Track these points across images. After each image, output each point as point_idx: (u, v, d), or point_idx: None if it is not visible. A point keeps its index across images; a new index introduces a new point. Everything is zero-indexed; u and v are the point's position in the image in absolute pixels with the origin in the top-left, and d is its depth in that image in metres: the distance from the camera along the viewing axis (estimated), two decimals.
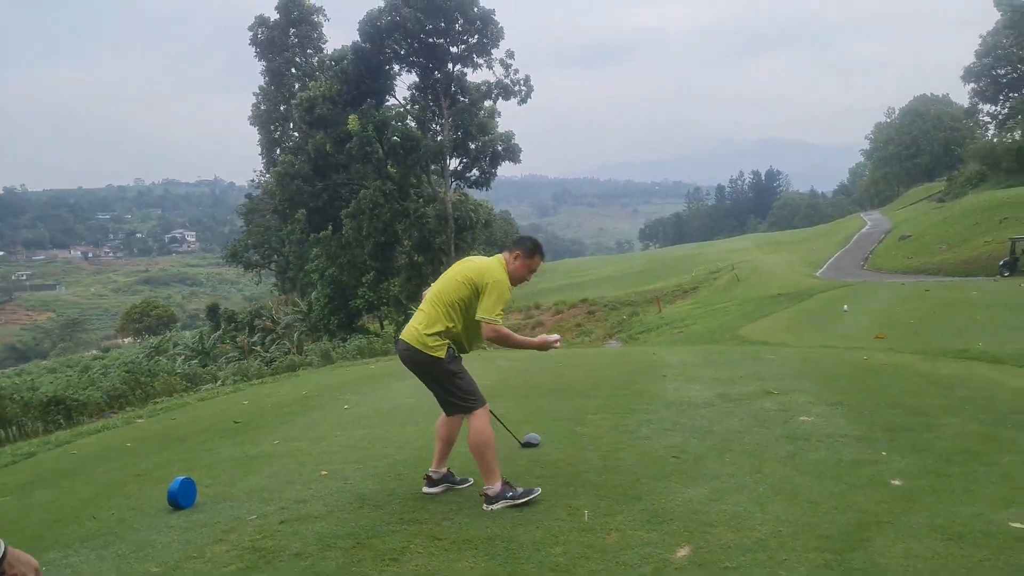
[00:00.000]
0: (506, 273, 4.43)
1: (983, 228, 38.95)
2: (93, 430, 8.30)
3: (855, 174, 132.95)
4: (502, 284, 4.34)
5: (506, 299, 4.34)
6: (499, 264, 4.47)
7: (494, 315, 4.28)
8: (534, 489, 4.27)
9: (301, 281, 48.16)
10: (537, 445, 5.40)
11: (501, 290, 4.32)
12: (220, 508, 4.63)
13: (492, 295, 4.29)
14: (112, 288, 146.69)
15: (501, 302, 4.32)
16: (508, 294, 4.36)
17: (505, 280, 4.38)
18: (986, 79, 65.86)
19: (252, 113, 52.12)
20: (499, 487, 4.25)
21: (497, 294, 4.30)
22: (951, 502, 3.97)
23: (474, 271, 4.41)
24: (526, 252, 4.50)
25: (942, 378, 7.72)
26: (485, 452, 4.29)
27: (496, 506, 4.21)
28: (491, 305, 4.29)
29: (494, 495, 4.23)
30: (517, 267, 4.49)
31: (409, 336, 4.42)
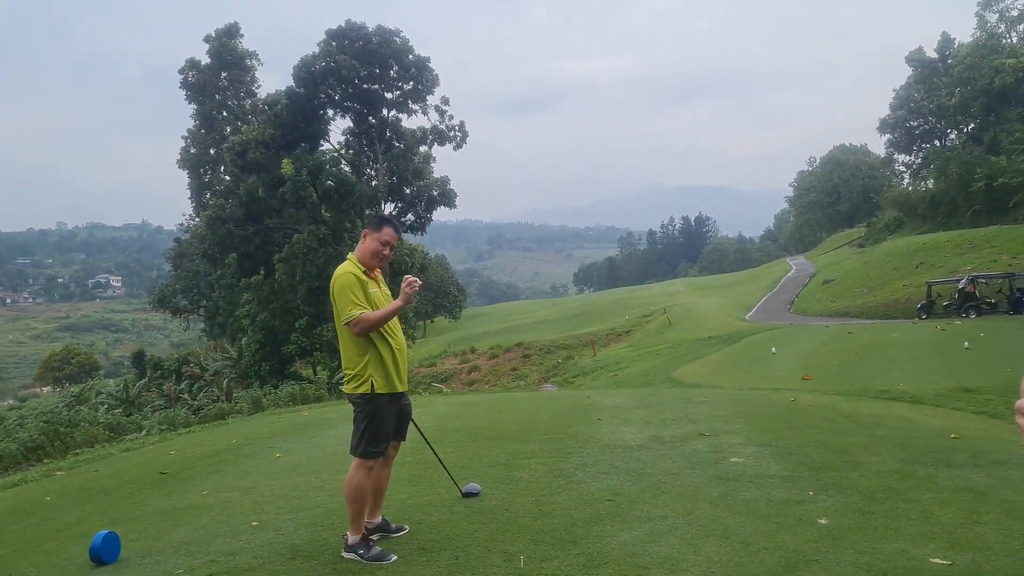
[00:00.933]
0: (353, 264, 4.35)
1: (901, 272, 40.50)
2: (9, 483, 7.93)
3: (780, 220, 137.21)
4: (342, 278, 4.25)
5: (351, 289, 4.22)
6: (347, 261, 4.40)
7: (347, 312, 4.19)
8: (389, 555, 4.18)
9: (231, 327, 47.14)
10: (477, 495, 5.33)
11: (343, 284, 4.24)
12: (146, 563, 4.47)
13: (339, 297, 4.24)
14: (31, 335, 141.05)
15: (348, 298, 4.21)
16: (352, 282, 4.24)
17: (345, 274, 4.27)
18: (900, 130, 69.04)
19: (181, 156, 51.27)
20: (358, 540, 4.25)
21: (340, 292, 4.23)
22: (875, 539, 4.10)
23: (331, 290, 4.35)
24: (373, 226, 4.44)
25: (864, 417, 7.97)
26: (355, 503, 4.28)
27: (347, 555, 4.23)
28: (342, 305, 4.22)
29: (350, 545, 4.25)
30: (366, 246, 4.40)
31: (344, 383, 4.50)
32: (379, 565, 4.08)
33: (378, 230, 4.40)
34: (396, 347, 4.41)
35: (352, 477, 4.27)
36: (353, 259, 4.39)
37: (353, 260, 4.38)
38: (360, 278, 4.29)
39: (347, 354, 4.35)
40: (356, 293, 4.22)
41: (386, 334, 4.36)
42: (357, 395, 4.33)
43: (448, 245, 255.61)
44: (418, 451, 6.71)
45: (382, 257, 4.43)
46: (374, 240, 4.39)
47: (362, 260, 4.39)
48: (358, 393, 4.31)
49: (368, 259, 4.40)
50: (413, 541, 4.50)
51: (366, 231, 4.44)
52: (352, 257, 4.41)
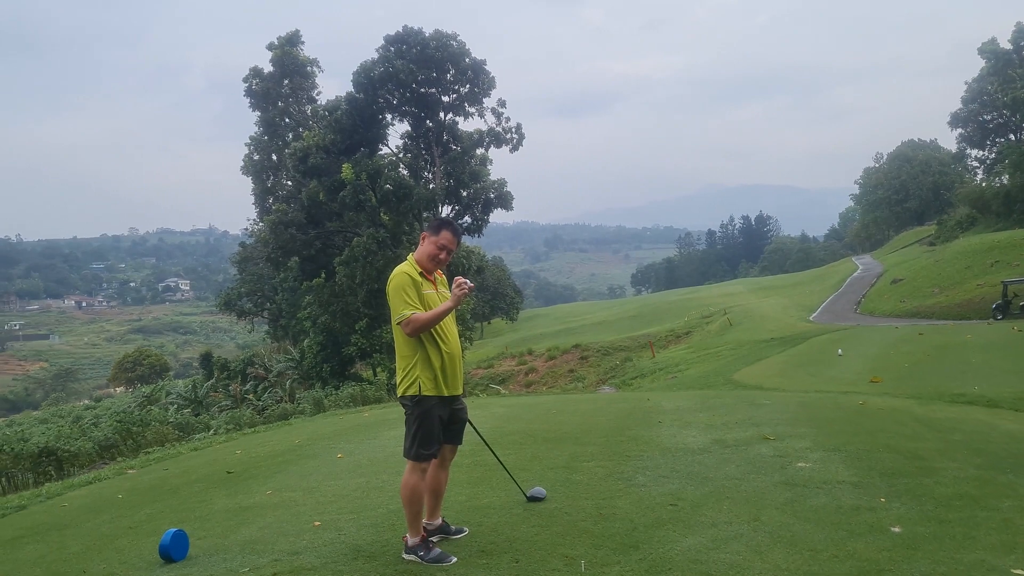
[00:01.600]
0: (410, 265, 4.37)
1: (975, 271, 39.20)
2: (84, 481, 8.19)
3: (845, 218, 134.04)
4: (397, 278, 4.27)
5: (405, 288, 4.24)
6: (405, 262, 4.42)
7: (399, 312, 4.20)
8: (449, 557, 4.17)
9: (293, 329, 48.03)
10: (543, 499, 5.24)
11: (397, 284, 4.25)
12: (212, 561, 4.55)
13: (392, 296, 4.25)
14: (105, 337, 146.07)
15: (401, 298, 4.22)
16: (406, 282, 4.25)
17: (400, 274, 4.29)
18: (973, 124, 66.88)
19: (245, 162, 52.46)
20: (417, 542, 4.25)
21: (394, 292, 4.25)
22: (953, 549, 3.93)
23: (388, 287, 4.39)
24: (432, 229, 4.43)
25: (938, 422, 7.70)
26: (410, 505, 4.29)
27: (407, 556, 4.24)
28: (395, 305, 4.23)
29: (410, 547, 4.25)
30: (424, 250, 4.41)
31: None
32: (439, 567, 4.08)
33: (436, 233, 4.39)
34: (447, 351, 4.38)
35: (407, 480, 4.30)
36: (411, 260, 4.41)
37: (411, 261, 4.40)
38: (415, 279, 4.29)
39: (399, 354, 4.39)
40: (409, 293, 4.23)
41: (438, 337, 4.34)
42: (407, 397, 4.36)
43: (505, 247, 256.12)
44: (477, 453, 6.71)
45: (439, 260, 4.42)
46: (432, 243, 4.39)
47: (419, 262, 4.40)
48: (408, 395, 4.35)
49: (425, 261, 4.40)
50: (473, 544, 4.48)
51: (425, 233, 4.44)
52: (411, 258, 4.43)
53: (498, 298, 74.76)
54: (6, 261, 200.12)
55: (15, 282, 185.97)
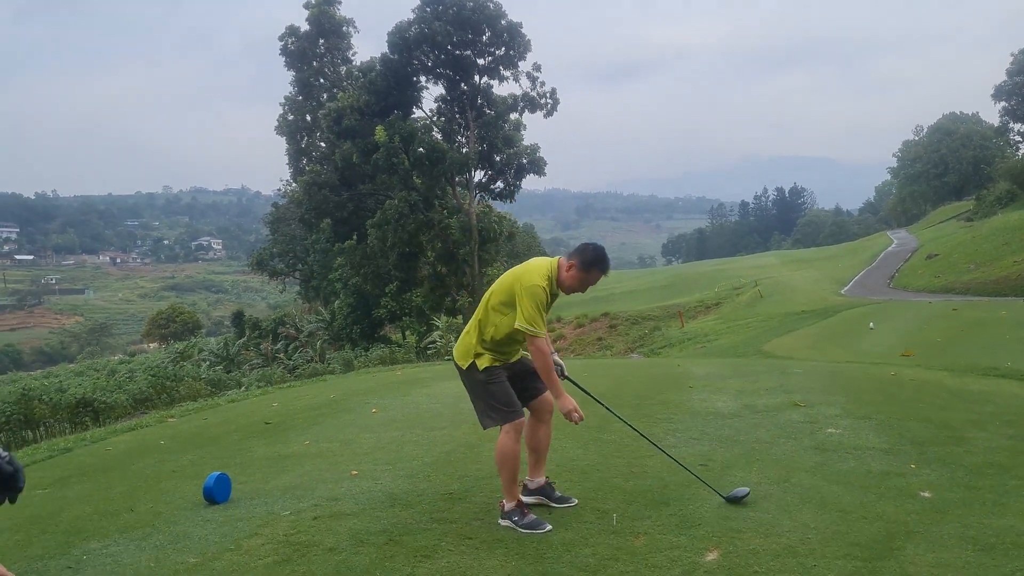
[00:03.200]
0: (549, 279, 4.10)
1: (1013, 248, 38.50)
2: (127, 428, 8.45)
3: (881, 192, 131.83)
4: (534, 290, 4.01)
5: (540, 304, 4.03)
6: (545, 268, 4.14)
7: (530, 325, 3.99)
8: (544, 524, 4.03)
9: (324, 290, 48.48)
10: (744, 497, 4.34)
11: (534, 294, 4.01)
12: (254, 504, 4.72)
13: (523, 301, 4.01)
14: (139, 294, 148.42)
15: (538, 311, 4.02)
16: (542, 298, 4.03)
17: (539, 285, 4.03)
18: (1017, 97, 65.26)
19: (279, 123, 52.59)
20: (513, 507, 4.13)
21: (529, 301, 4.00)
22: (982, 514, 3.97)
23: (514, 275, 4.15)
24: (581, 264, 4.11)
25: (970, 394, 7.68)
26: (504, 469, 4.15)
27: (504, 523, 4.11)
28: (527, 314, 4.00)
29: (506, 512, 4.14)
30: (568, 277, 4.14)
31: (456, 348, 4.35)
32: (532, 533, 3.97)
33: (587, 270, 4.12)
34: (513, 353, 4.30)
35: (500, 442, 4.14)
36: (551, 275, 4.13)
37: (551, 276, 4.13)
38: (547, 297, 4.09)
39: (475, 328, 4.24)
40: (542, 311, 4.05)
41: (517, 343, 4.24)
42: (474, 368, 4.20)
43: (536, 214, 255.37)
44: None
45: (577, 292, 4.23)
46: (579, 279, 4.14)
47: (560, 284, 4.16)
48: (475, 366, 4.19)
49: (565, 289, 4.18)
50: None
51: (573, 261, 4.12)
52: (551, 271, 4.14)
53: None
54: (43, 216, 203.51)
55: (51, 237, 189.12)
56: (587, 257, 4.12)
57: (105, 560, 3.93)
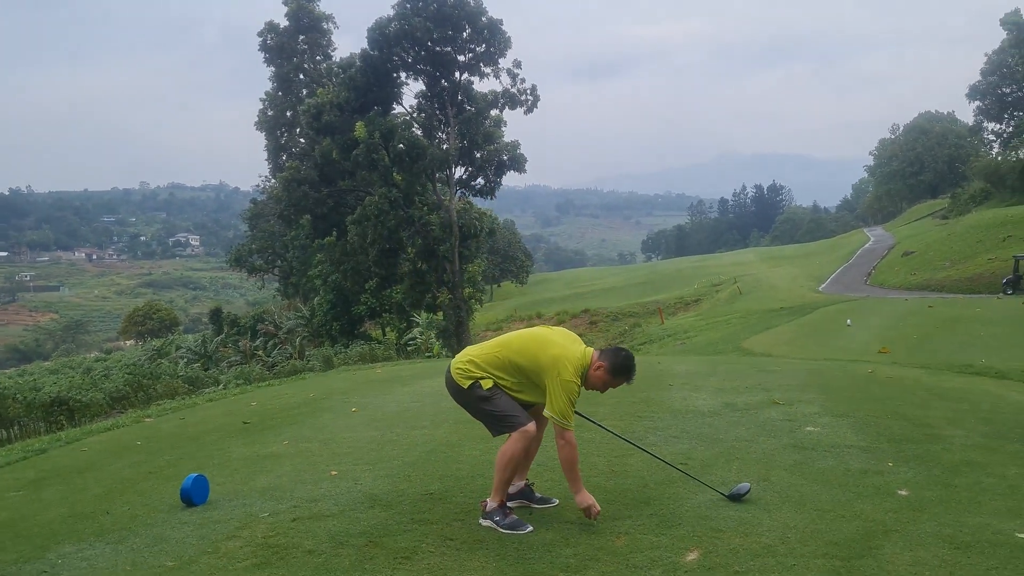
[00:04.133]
0: (579, 372, 4.09)
1: (987, 246, 39.00)
2: (103, 428, 8.35)
3: (858, 190, 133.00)
4: (569, 386, 4.02)
5: (572, 397, 4.04)
6: (579, 361, 4.10)
7: (564, 419, 4.00)
8: (525, 525, 4.05)
9: (304, 287, 48.28)
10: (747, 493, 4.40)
11: (568, 387, 4.02)
12: (233, 505, 4.68)
13: (557, 392, 4.00)
14: (115, 290, 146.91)
15: (569, 406, 4.03)
16: (574, 392, 4.06)
17: (574, 383, 4.04)
18: (991, 97, 65.97)
19: (259, 118, 52.33)
20: (496, 506, 4.12)
21: (563, 394, 4.00)
22: (958, 512, 4.01)
23: (549, 357, 4.09)
24: (611, 370, 4.13)
25: (947, 391, 7.77)
26: (503, 470, 4.13)
27: (484, 522, 4.11)
28: (559, 407, 4.00)
29: (488, 511, 4.13)
30: (596, 376, 4.14)
31: (455, 365, 4.29)
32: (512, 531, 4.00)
33: (615, 376, 4.15)
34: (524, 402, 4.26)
35: (509, 447, 4.11)
36: (580, 369, 4.11)
37: (581, 372, 4.11)
38: (578, 392, 4.10)
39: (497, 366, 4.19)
40: (574, 404, 4.06)
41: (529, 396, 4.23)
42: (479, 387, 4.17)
43: (516, 210, 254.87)
44: None
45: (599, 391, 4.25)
46: (606, 381, 4.16)
47: (587, 382, 4.16)
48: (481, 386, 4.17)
49: (589, 384, 4.18)
50: (486, 494, 4.58)
51: (603, 363, 4.13)
52: (582, 365, 4.12)
53: (508, 261, 74.83)
54: (17, 212, 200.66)
55: (26, 233, 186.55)
56: (617, 364, 4.15)
57: (80, 564, 3.88)
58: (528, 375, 4.14)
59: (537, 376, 4.11)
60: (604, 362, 4.13)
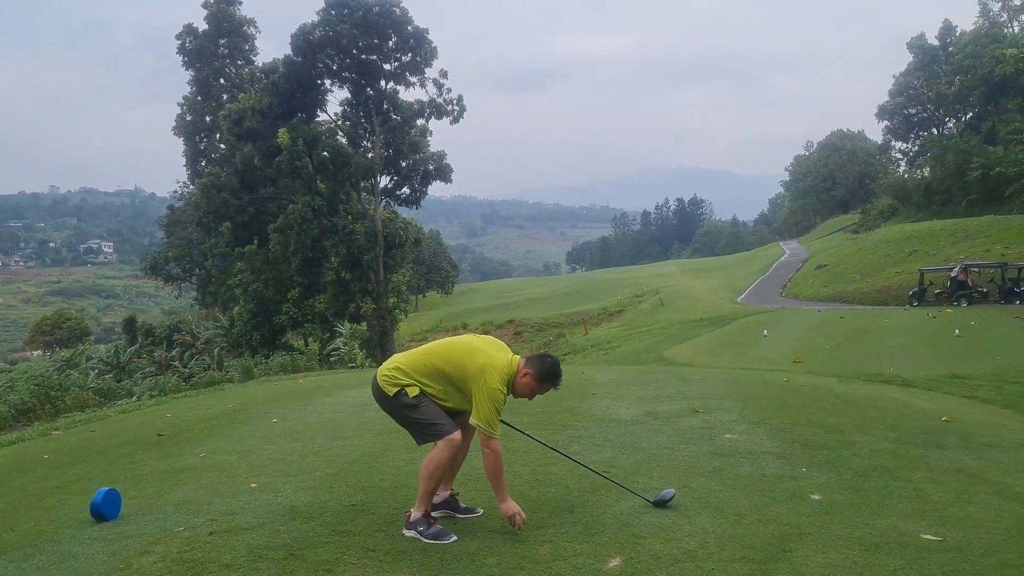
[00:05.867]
0: (506, 381, 4.11)
1: (894, 259, 40.66)
2: (7, 441, 7.97)
3: (775, 204, 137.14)
4: (495, 394, 4.03)
5: (498, 406, 4.06)
6: (505, 369, 4.12)
7: (490, 427, 4.02)
8: (449, 535, 4.02)
9: (223, 296, 47.09)
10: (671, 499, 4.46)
11: (494, 396, 4.03)
12: (146, 520, 4.52)
13: (482, 401, 4.02)
14: (21, 298, 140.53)
15: (494, 414, 4.04)
16: (500, 401, 4.07)
17: (500, 390, 4.06)
18: (898, 117, 68.85)
19: (176, 123, 50.91)
20: (420, 516, 4.09)
21: (488, 403, 4.01)
22: (868, 515, 4.17)
23: (475, 366, 4.09)
24: (537, 376, 4.14)
25: (856, 399, 8.06)
26: (428, 480, 4.11)
27: (408, 533, 4.08)
28: (485, 415, 4.01)
29: (412, 521, 4.10)
30: (523, 383, 4.15)
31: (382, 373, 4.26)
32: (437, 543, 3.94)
33: (541, 383, 4.16)
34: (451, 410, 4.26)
35: (435, 455, 4.10)
36: (506, 379, 4.11)
37: (506, 381, 4.11)
38: (503, 400, 4.11)
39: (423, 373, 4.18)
40: (499, 412, 4.07)
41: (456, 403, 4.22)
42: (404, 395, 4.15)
43: (442, 221, 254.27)
44: None
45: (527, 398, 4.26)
46: (533, 388, 4.17)
47: (512, 388, 4.17)
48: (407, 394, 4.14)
49: (516, 392, 4.19)
50: (410, 504, 4.55)
51: (529, 371, 4.14)
52: (506, 375, 4.12)
53: (433, 271, 74.54)
54: None
55: None
56: (543, 371, 4.16)
57: None
58: (454, 383, 4.15)
59: (463, 384, 4.11)
60: (530, 369, 4.15)
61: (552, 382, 4.21)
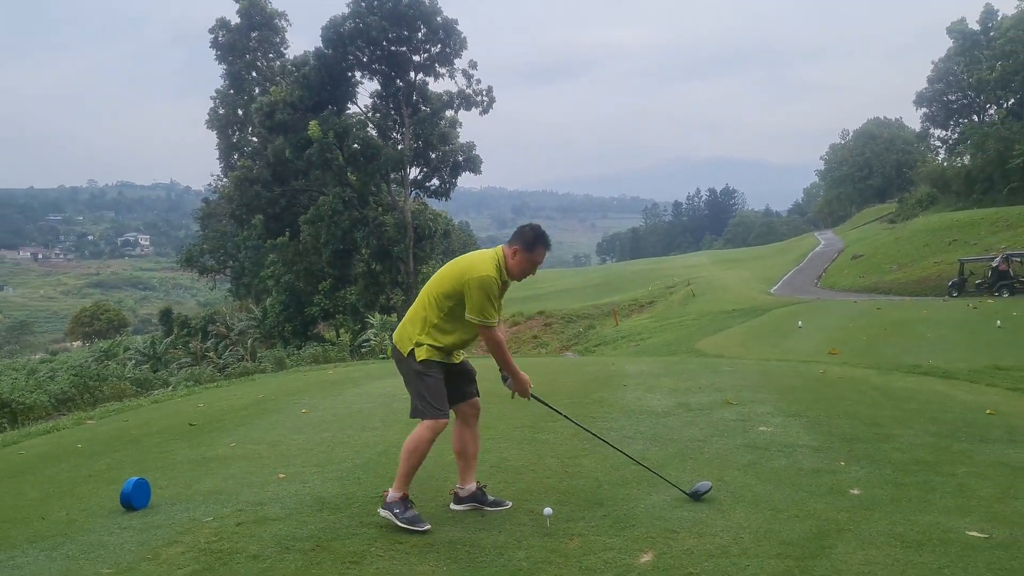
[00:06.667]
0: (498, 268, 4.11)
1: (933, 249, 39.92)
2: (42, 431, 8.06)
3: (809, 194, 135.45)
4: (484, 280, 4.00)
5: (492, 294, 4.03)
6: (491, 258, 4.14)
7: (484, 316, 4.02)
8: (423, 522, 3.99)
9: (256, 287, 47.55)
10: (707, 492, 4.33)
11: (484, 285, 4.00)
12: (175, 510, 4.52)
13: (475, 294, 4.00)
14: (62, 290, 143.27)
15: (488, 302, 4.02)
16: (493, 288, 4.03)
17: (490, 275, 4.03)
18: (937, 104, 67.50)
19: (210, 117, 51.43)
20: (397, 498, 4.04)
21: (480, 292, 4.00)
22: (909, 511, 4.03)
23: (460, 267, 4.13)
24: (525, 245, 4.14)
25: (896, 391, 7.86)
26: (409, 458, 4.07)
27: (383, 513, 4.05)
28: (478, 305, 4.01)
29: (388, 502, 4.06)
30: (518, 262, 4.15)
31: (396, 333, 4.29)
32: (411, 528, 3.94)
33: (531, 250, 4.13)
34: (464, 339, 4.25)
35: (417, 433, 4.10)
36: (500, 263, 4.13)
37: (499, 264, 4.13)
38: (499, 285, 4.09)
39: (419, 317, 4.18)
40: (495, 301, 4.05)
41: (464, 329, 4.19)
42: (412, 358, 4.15)
43: (472, 212, 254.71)
44: None
45: (528, 274, 4.24)
46: (527, 260, 4.15)
47: (510, 271, 4.16)
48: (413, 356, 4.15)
49: (517, 274, 4.18)
50: (440, 499, 4.51)
51: (516, 246, 4.14)
52: (499, 259, 4.14)
53: None
54: None
55: None
56: (528, 237, 4.16)
57: (11, 572, 3.70)
58: (455, 298, 4.09)
59: (460, 294, 4.07)
60: (517, 244, 4.16)
61: (542, 243, 4.18)
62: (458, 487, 4.40)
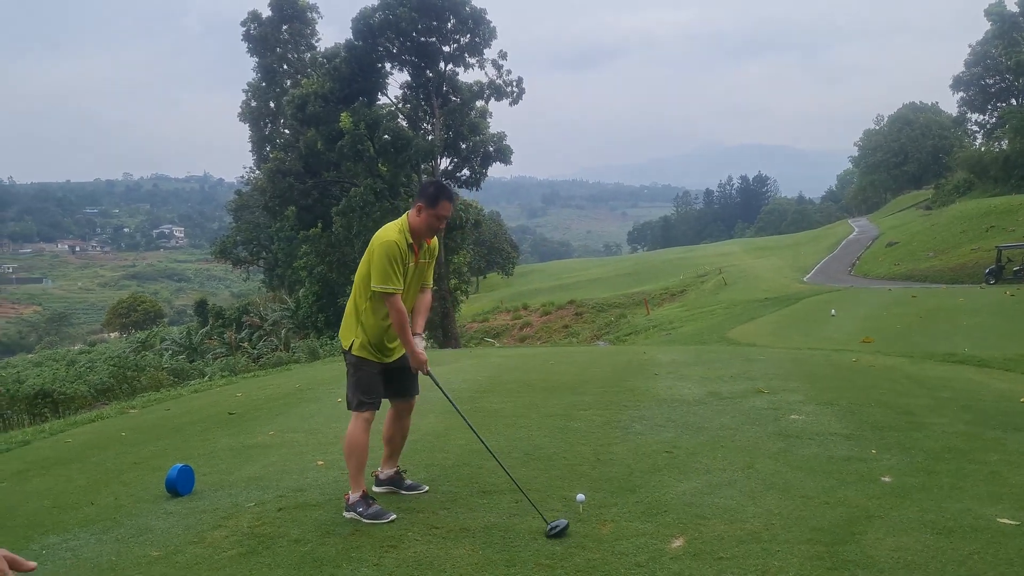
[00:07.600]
0: (401, 232, 4.10)
1: (970, 236, 39.28)
2: (87, 419, 8.29)
3: (843, 180, 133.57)
4: (385, 246, 4.01)
5: (393, 260, 4.01)
6: (395, 225, 4.16)
7: (385, 283, 4.00)
8: (388, 514, 4.05)
9: (289, 278, 48.02)
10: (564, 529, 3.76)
11: (385, 252, 4.01)
12: (218, 495, 4.67)
13: (377, 261, 4.02)
14: (99, 282, 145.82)
15: (387, 269, 4.00)
16: (395, 254, 4.01)
17: (391, 239, 4.04)
18: (975, 88, 66.28)
19: (242, 109, 51.92)
20: (358, 497, 4.11)
21: (381, 258, 4.01)
22: (940, 498, 4.05)
23: (370, 245, 4.15)
24: (428, 201, 4.10)
25: (928, 379, 7.82)
26: (350, 458, 4.17)
27: (348, 515, 4.10)
28: (380, 272, 4.01)
29: (350, 504, 4.12)
30: (423, 219, 4.13)
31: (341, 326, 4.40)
32: (384, 523, 4.00)
33: (433, 205, 4.10)
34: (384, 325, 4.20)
35: (349, 431, 4.20)
36: (404, 227, 4.13)
37: (404, 228, 4.13)
38: (403, 250, 4.07)
39: (351, 307, 4.30)
40: (396, 267, 4.02)
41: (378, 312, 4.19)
42: (347, 351, 4.28)
43: (502, 202, 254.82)
44: (476, 399, 6.87)
45: (436, 230, 4.21)
46: (431, 216, 4.12)
47: (415, 231, 4.15)
48: (347, 349, 4.28)
49: (424, 232, 4.17)
50: (474, 484, 4.60)
51: (420, 204, 4.12)
52: (404, 224, 4.15)
53: (494, 252, 74.65)
54: None
55: (8, 225, 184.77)
56: (430, 192, 4.14)
57: (65, 555, 3.86)
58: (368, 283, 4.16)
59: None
60: (420, 201, 4.14)
61: (444, 196, 4.14)
62: (379, 470, 4.55)
